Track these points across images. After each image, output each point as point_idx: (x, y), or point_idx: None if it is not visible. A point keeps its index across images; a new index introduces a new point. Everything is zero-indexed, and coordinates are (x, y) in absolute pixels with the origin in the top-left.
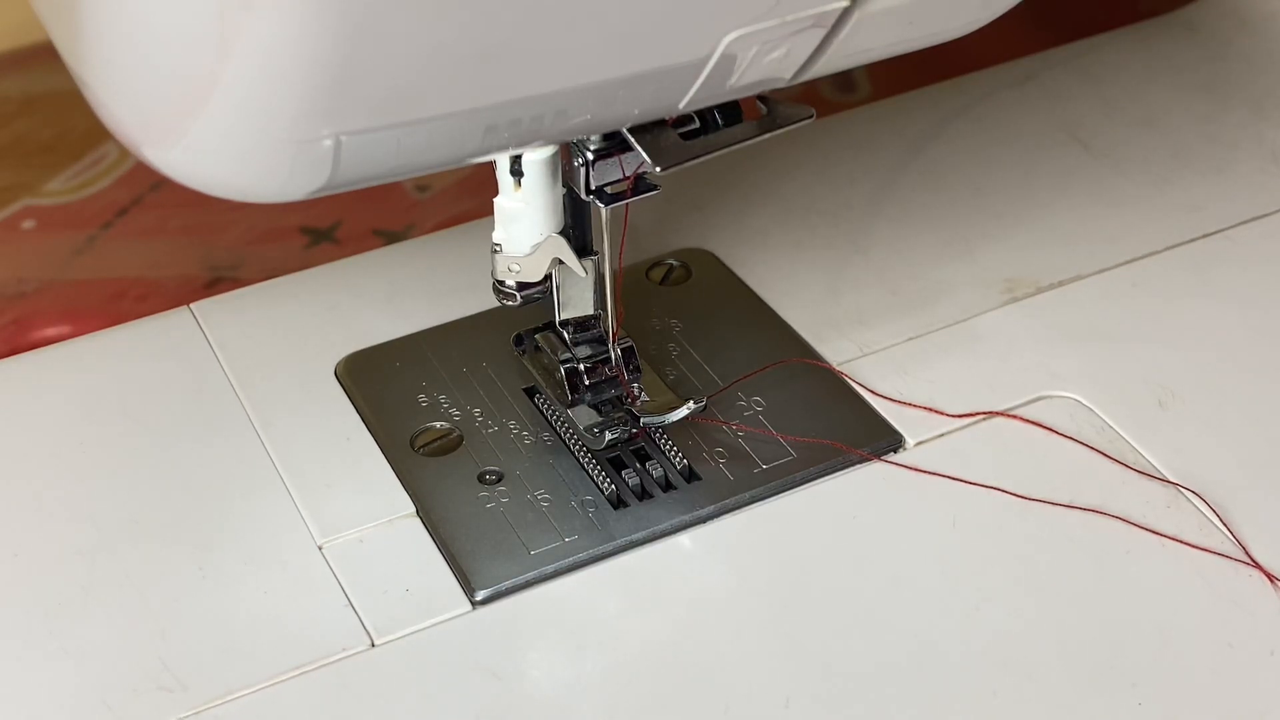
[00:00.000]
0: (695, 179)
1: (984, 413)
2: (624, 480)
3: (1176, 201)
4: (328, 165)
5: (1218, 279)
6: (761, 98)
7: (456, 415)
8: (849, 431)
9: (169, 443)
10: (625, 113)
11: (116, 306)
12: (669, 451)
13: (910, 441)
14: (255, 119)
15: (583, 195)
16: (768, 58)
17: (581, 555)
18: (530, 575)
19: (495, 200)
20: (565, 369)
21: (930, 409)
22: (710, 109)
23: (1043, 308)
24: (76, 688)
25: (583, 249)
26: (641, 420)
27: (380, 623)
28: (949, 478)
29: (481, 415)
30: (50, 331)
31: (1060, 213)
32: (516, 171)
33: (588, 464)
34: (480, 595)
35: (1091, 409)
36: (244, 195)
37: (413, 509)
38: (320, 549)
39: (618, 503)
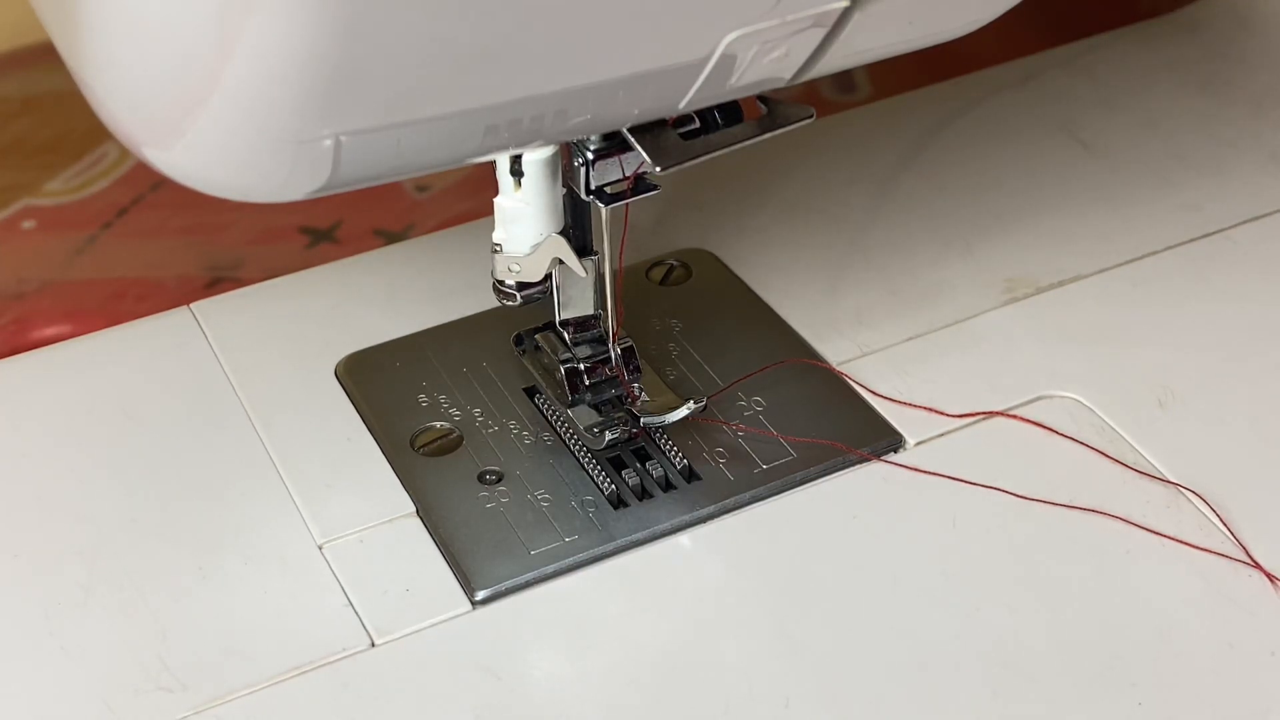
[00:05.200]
0: (695, 179)
1: (984, 413)
2: (624, 480)
3: (1176, 201)
4: (328, 165)
5: (1218, 279)
6: (761, 98)
7: (456, 415)
8: (849, 431)
9: (169, 443)
10: (625, 113)
11: (116, 306)
12: (669, 451)
13: (910, 441)
14: (255, 119)
15: (583, 195)
16: (768, 58)
17: (581, 555)
18: (530, 575)
19: (495, 200)
20: (565, 369)
21: (930, 409)
22: (710, 109)
23: (1043, 308)
24: (76, 688)
25: (583, 249)
26: (641, 420)
27: (380, 623)
28: (949, 478)
29: (481, 415)
30: (50, 331)
31: (1060, 213)
32: (516, 171)
33: (588, 464)
34: (480, 595)
35: (1091, 409)
36: (244, 195)
37: (413, 509)
38: (320, 549)
39: (618, 503)
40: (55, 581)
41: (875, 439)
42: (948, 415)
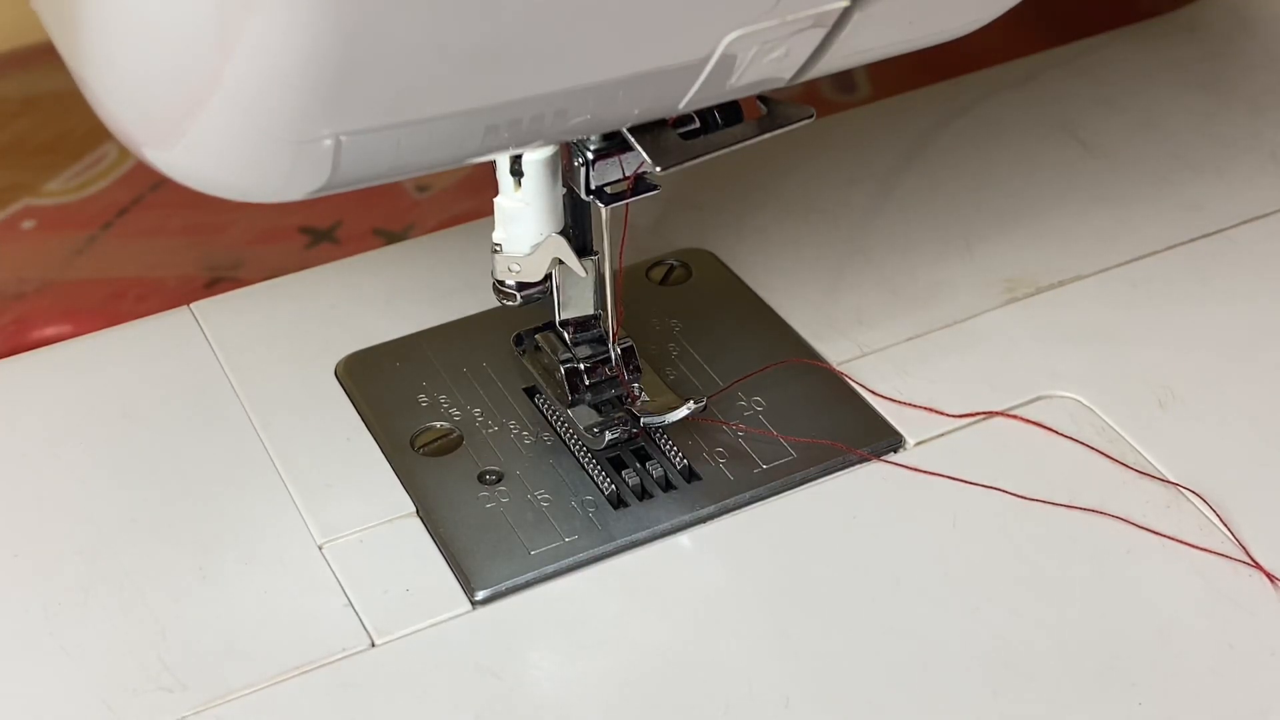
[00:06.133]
0: (695, 179)
1: (984, 413)
2: (624, 480)
3: (1176, 201)
4: (328, 165)
5: (1218, 279)
6: (761, 98)
7: (456, 415)
8: (849, 431)
9: (169, 443)
10: (625, 113)
11: (116, 306)
12: (669, 451)
13: (910, 441)
14: (255, 119)
15: (583, 195)
16: (768, 58)
17: (581, 555)
18: (530, 575)
19: (495, 200)
20: (565, 369)
21: (930, 409)
22: (710, 109)
23: (1043, 308)
24: (76, 688)
25: (583, 249)
26: (641, 420)
27: (380, 623)
28: (949, 478)
29: (481, 415)
30: (50, 331)
31: (1060, 213)
32: (517, 171)
33: (588, 464)
34: (480, 595)
35: (1091, 409)
36: (244, 195)
37: (413, 509)
38: (320, 549)
39: (618, 503)
40: (55, 581)
41: (875, 439)
42: (948, 415)
